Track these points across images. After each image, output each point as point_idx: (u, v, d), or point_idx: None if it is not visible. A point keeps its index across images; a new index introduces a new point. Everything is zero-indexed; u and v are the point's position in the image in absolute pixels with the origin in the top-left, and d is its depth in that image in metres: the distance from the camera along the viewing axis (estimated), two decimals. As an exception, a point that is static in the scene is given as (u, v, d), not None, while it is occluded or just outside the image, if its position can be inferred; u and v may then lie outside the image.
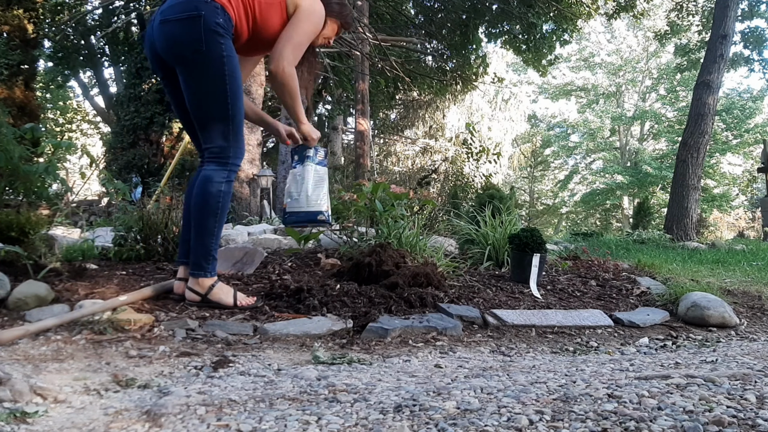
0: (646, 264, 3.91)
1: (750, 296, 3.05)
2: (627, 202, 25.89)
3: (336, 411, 1.17)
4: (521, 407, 1.17)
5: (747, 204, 22.04)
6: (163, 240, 3.02)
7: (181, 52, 2.12)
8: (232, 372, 1.55)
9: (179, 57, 2.14)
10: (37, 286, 2.12)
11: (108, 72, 17.45)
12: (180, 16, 2.08)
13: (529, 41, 11.54)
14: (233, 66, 2.14)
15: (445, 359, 1.79)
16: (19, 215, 2.64)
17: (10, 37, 10.66)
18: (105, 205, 8.89)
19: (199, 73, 2.13)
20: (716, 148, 21.02)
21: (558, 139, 28.02)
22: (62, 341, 1.76)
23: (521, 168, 28.36)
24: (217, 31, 2.07)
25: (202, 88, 2.15)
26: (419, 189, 6.65)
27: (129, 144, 10.23)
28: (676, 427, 1.04)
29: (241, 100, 2.19)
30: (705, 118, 9.50)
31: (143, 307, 2.12)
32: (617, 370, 1.60)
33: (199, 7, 2.06)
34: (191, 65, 2.12)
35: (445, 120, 19.30)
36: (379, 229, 3.43)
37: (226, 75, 2.12)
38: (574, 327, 2.34)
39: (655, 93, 26.84)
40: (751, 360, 1.72)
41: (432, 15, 12.80)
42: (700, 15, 14.87)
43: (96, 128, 22.31)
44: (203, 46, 2.07)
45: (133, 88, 10.53)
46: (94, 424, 1.10)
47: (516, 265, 3.09)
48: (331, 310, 2.23)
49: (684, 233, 9.07)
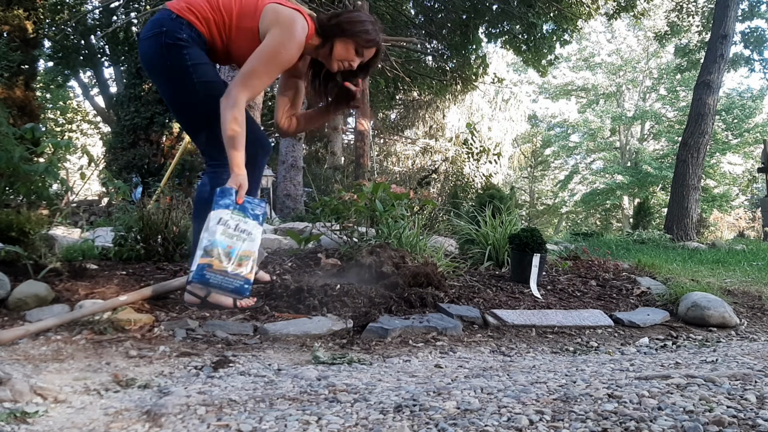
0: (647, 264, 3.90)
1: (750, 296, 3.05)
2: (627, 202, 25.88)
3: (336, 411, 1.17)
4: (521, 407, 1.17)
5: (747, 204, 22.03)
6: (164, 240, 3.02)
7: (150, 66, 2.26)
8: (233, 372, 1.55)
9: (150, 71, 2.29)
10: (37, 286, 2.12)
11: (108, 72, 17.48)
12: (148, 34, 2.20)
13: (529, 41, 11.53)
14: (203, 72, 2.20)
15: (446, 359, 1.79)
16: (19, 215, 2.64)
17: (10, 37, 10.66)
18: (105, 205, 8.89)
19: (170, 84, 2.24)
20: (716, 148, 21.02)
21: (558, 139, 28.02)
22: (62, 341, 1.76)
23: (521, 168, 28.35)
24: (177, 44, 2.15)
25: (177, 98, 2.28)
26: (419, 189, 6.65)
27: (129, 144, 10.24)
28: (677, 427, 1.04)
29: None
30: (705, 118, 9.50)
31: (143, 307, 2.12)
32: (617, 370, 1.60)
33: (163, 23, 2.17)
34: (161, 77, 2.26)
35: (445, 120, 19.29)
36: (380, 229, 3.43)
37: (195, 82, 2.18)
38: (574, 327, 2.34)
39: (655, 93, 26.84)
40: (752, 360, 1.72)
41: (432, 15, 12.79)
42: (700, 15, 14.87)
43: (96, 128, 22.31)
44: (167, 61, 2.17)
45: (133, 88, 10.53)
46: (94, 424, 1.10)
47: (516, 265, 3.08)
48: (331, 310, 2.23)
49: (684, 233, 9.07)
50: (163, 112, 10.37)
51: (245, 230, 1.89)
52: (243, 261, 1.85)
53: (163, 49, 2.16)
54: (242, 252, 1.83)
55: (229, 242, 1.81)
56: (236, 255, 1.82)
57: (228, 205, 1.90)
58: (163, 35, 2.15)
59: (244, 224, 1.89)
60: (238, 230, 1.87)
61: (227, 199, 1.90)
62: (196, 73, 2.18)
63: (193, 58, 2.17)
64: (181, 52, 2.15)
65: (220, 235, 1.81)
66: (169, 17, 2.16)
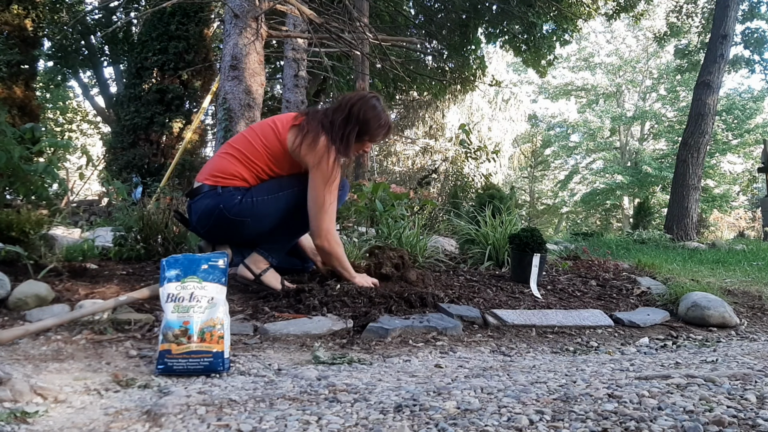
0: (647, 264, 3.90)
1: (750, 296, 3.05)
2: (627, 202, 25.88)
3: (336, 411, 1.17)
4: (521, 407, 1.17)
5: (747, 204, 22.03)
6: (164, 240, 3.02)
7: (216, 223, 2.41)
8: (233, 372, 1.55)
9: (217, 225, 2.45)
10: (38, 286, 2.12)
11: (108, 72, 17.45)
12: (207, 215, 2.36)
13: (529, 41, 11.53)
14: (261, 203, 2.37)
15: (446, 359, 1.79)
16: (19, 215, 2.64)
17: (9, 36, 10.66)
18: (105, 205, 8.89)
19: (243, 226, 2.38)
20: (716, 149, 21.02)
21: (558, 139, 28.03)
22: (62, 341, 1.76)
23: (521, 168, 28.35)
24: (235, 204, 2.32)
25: (249, 232, 2.43)
26: (419, 189, 6.64)
27: (129, 144, 10.21)
28: (677, 427, 1.04)
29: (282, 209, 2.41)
30: (705, 118, 9.51)
31: (143, 307, 2.12)
32: (617, 370, 1.60)
33: (218, 203, 2.33)
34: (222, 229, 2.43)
35: (445, 120, 19.30)
36: (380, 229, 3.43)
37: (247, 217, 2.35)
38: (574, 327, 2.34)
39: (655, 93, 26.84)
40: (752, 360, 1.72)
41: (432, 15, 12.79)
42: (699, 16, 14.87)
43: (96, 128, 22.30)
44: (235, 221, 2.35)
45: (133, 88, 10.51)
46: (94, 424, 1.10)
47: (516, 265, 3.08)
48: (331, 310, 2.23)
49: (684, 233, 9.08)
50: (163, 112, 10.36)
51: (204, 296, 1.58)
52: (207, 333, 1.53)
53: (229, 219, 2.34)
54: (204, 324, 1.54)
55: (184, 317, 1.54)
56: (196, 330, 1.52)
57: (174, 277, 1.61)
58: (225, 211, 2.32)
59: (200, 290, 1.59)
60: (194, 299, 1.57)
61: (172, 270, 1.62)
62: (257, 210, 2.35)
63: (244, 195, 2.35)
64: (235, 203, 2.32)
65: (171, 314, 1.54)
66: (216, 194, 2.34)
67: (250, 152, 2.38)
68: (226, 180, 2.35)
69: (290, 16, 6.52)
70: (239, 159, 2.38)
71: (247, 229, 2.39)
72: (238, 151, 2.40)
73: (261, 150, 2.38)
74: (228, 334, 1.60)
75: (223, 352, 1.53)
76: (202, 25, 10.77)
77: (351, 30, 5.97)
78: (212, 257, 1.67)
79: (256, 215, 2.35)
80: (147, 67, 10.45)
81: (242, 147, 2.40)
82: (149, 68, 10.44)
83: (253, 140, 2.40)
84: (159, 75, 10.42)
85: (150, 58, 10.40)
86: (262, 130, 2.42)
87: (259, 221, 2.37)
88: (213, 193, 2.34)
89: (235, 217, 2.33)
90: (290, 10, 4.99)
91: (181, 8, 10.15)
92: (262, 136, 2.40)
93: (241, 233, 2.41)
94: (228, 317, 1.63)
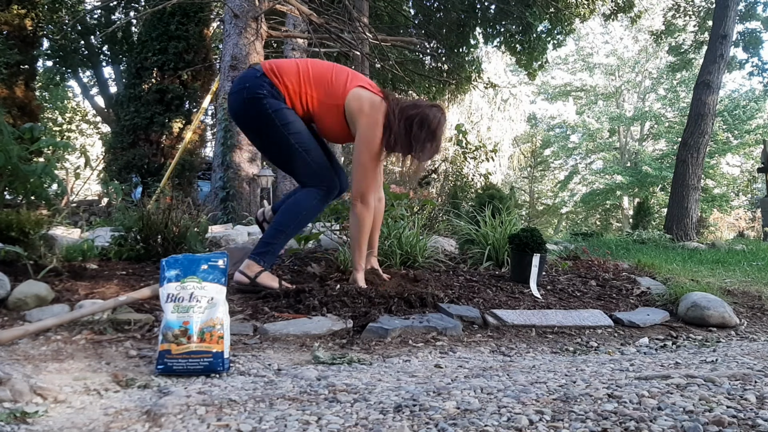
0: (646, 264, 3.90)
1: (750, 296, 3.05)
2: (627, 202, 25.89)
3: (336, 411, 1.17)
4: (521, 407, 1.17)
5: (747, 204, 22.03)
6: (164, 240, 3.01)
7: (238, 119, 2.51)
8: (232, 372, 1.55)
9: (239, 124, 2.53)
10: (37, 286, 2.12)
11: (108, 72, 17.44)
12: (234, 90, 2.44)
13: (525, 42, 11.55)
14: (284, 116, 2.39)
15: (445, 359, 1.79)
16: (19, 215, 2.64)
17: (9, 36, 10.66)
18: (105, 205, 8.88)
19: (258, 133, 2.48)
20: (716, 149, 21.01)
21: (558, 140, 28.02)
22: (62, 341, 1.76)
23: (521, 168, 28.36)
24: (258, 96, 2.36)
25: (267, 143, 2.50)
26: (419, 189, 6.64)
27: (129, 144, 10.21)
28: (676, 427, 1.04)
29: (309, 140, 2.46)
30: (705, 118, 9.50)
31: (143, 307, 2.12)
32: (617, 370, 1.60)
33: (247, 80, 2.40)
34: (249, 128, 2.50)
35: (445, 120, 19.27)
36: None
37: (278, 125, 2.38)
38: (574, 327, 2.34)
39: (654, 93, 26.84)
40: (751, 360, 1.72)
41: (431, 14, 12.79)
42: (696, 15, 14.88)
43: (96, 128, 22.29)
44: (251, 112, 2.40)
45: (133, 88, 10.51)
46: (94, 424, 1.10)
47: (516, 265, 3.08)
48: (331, 310, 2.23)
49: (684, 233, 9.08)
50: (163, 112, 10.36)
51: (203, 297, 1.58)
52: (207, 333, 1.53)
53: (246, 103, 2.39)
54: (203, 324, 1.54)
55: (184, 317, 1.54)
56: (196, 330, 1.53)
57: (174, 277, 1.61)
58: (245, 90, 2.39)
59: (200, 290, 1.59)
60: (193, 299, 1.57)
61: (172, 270, 1.62)
62: (278, 118, 2.38)
63: (273, 106, 2.38)
64: (261, 102, 2.37)
65: (171, 314, 1.55)
66: (254, 75, 2.40)
67: (317, 73, 2.43)
68: (271, 73, 2.40)
69: (290, 16, 6.52)
70: (300, 70, 2.42)
71: (251, 134, 2.49)
72: (305, 65, 2.45)
73: (327, 77, 2.42)
74: (228, 334, 1.60)
75: (222, 352, 1.53)
76: (201, 25, 10.77)
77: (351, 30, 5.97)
78: (212, 257, 1.67)
79: (266, 135, 2.44)
80: (147, 67, 10.46)
81: (312, 65, 2.46)
82: (149, 68, 10.44)
83: (327, 67, 2.47)
84: (159, 75, 10.42)
85: (150, 58, 10.41)
86: (338, 67, 2.49)
87: (263, 141, 2.49)
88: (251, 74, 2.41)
89: (249, 105, 2.38)
90: (290, 10, 4.99)
91: (180, 8, 10.15)
92: (336, 69, 2.46)
93: (249, 130, 2.50)
94: (228, 317, 1.62)
